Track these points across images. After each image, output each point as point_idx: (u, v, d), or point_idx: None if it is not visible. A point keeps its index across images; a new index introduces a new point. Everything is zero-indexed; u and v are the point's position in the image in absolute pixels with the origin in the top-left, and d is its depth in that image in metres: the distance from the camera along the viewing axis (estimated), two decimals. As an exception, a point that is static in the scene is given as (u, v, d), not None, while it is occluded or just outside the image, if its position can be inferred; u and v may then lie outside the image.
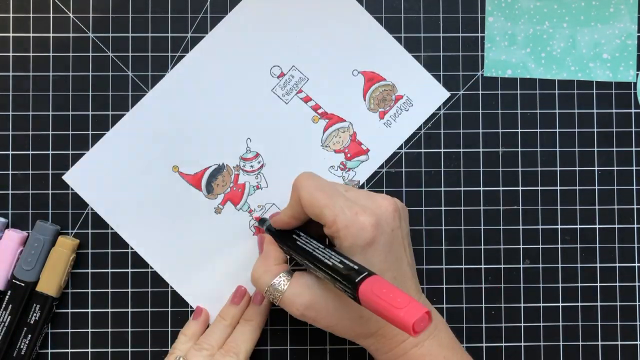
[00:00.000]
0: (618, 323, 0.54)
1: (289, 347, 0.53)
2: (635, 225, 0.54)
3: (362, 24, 0.54)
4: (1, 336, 0.51)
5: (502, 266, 0.54)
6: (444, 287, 0.54)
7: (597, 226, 0.54)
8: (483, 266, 0.54)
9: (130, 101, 0.54)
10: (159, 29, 0.54)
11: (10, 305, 0.51)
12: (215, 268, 0.53)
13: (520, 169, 0.54)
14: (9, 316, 0.51)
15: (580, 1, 0.54)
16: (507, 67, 0.54)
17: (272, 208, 0.54)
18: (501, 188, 0.54)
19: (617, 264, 0.54)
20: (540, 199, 0.54)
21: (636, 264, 0.54)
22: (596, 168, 0.54)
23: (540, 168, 0.54)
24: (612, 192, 0.54)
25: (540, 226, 0.54)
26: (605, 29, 0.54)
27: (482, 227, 0.54)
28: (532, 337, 0.54)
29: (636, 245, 0.54)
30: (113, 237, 0.53)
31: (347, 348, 0.53)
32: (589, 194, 0.54)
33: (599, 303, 0.54)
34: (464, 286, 0.54)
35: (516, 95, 0.54)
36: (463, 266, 0.54)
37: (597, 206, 0.54)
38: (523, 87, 0.54)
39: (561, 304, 0.54)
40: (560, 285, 0.54)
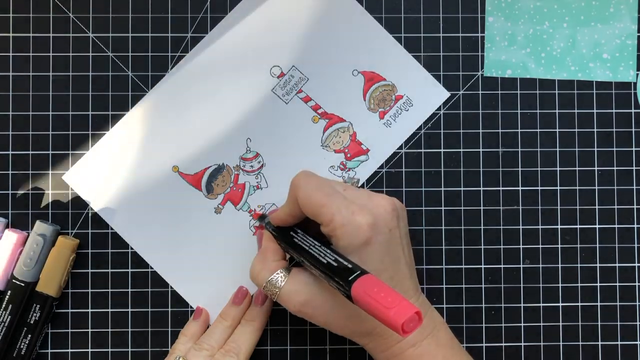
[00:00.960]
0: (618, 323, 0.54)
1: (289, 347, 0.53)
2: (635, 225, 0.54)
3: (362, 24, 0.54)
4: (1, 336, 0.51)
5: (502, 266, 0.54)
6: (444, 287, 0.54)
7: (597, 226, 0.54)
8: (483, 266, 0.54)
9: (130, 101, 0.54)
10: (159, 29, 0.54)
11: (10, 305, 0.51)
12: (215, 268, 0.53)
13: (520, 169, 0.54)
14: (9, 316, 0.51)
15: (580, 1, 0.54)
16: (507, 67, 0.54)
17: (272, 208, 0.54)
18: (501, 188, 0.54)
19: (617, 264, 0.54)
20: (540, 199, 0.54)
21: (636, 264, 0.54)
22: (596, 168, 0.54)
23: (540, 168, 0.54)
24: (612, 192, 0.54)
25: (540, 226, 0.54)
26: (605, 29, 0.54)
27: (482, 227, 0.54)
28: (532, 337, 0.54)
29: (636, 245, 0.54)
30: (113, 237, 0.53)
31: (347, 348, 0.53)
32: (589, 194, 0.54)
33: (599, 303, 0.54)
34: (464, 286, 0.54)
35: (516, 95, 0.54)
36: (463, 266, 0.54)
37: (597, 206, 0.54)
38: (523, 87, 0.54)
39: (561, 304, 0.54)
40: (560, 285, 0.54)
